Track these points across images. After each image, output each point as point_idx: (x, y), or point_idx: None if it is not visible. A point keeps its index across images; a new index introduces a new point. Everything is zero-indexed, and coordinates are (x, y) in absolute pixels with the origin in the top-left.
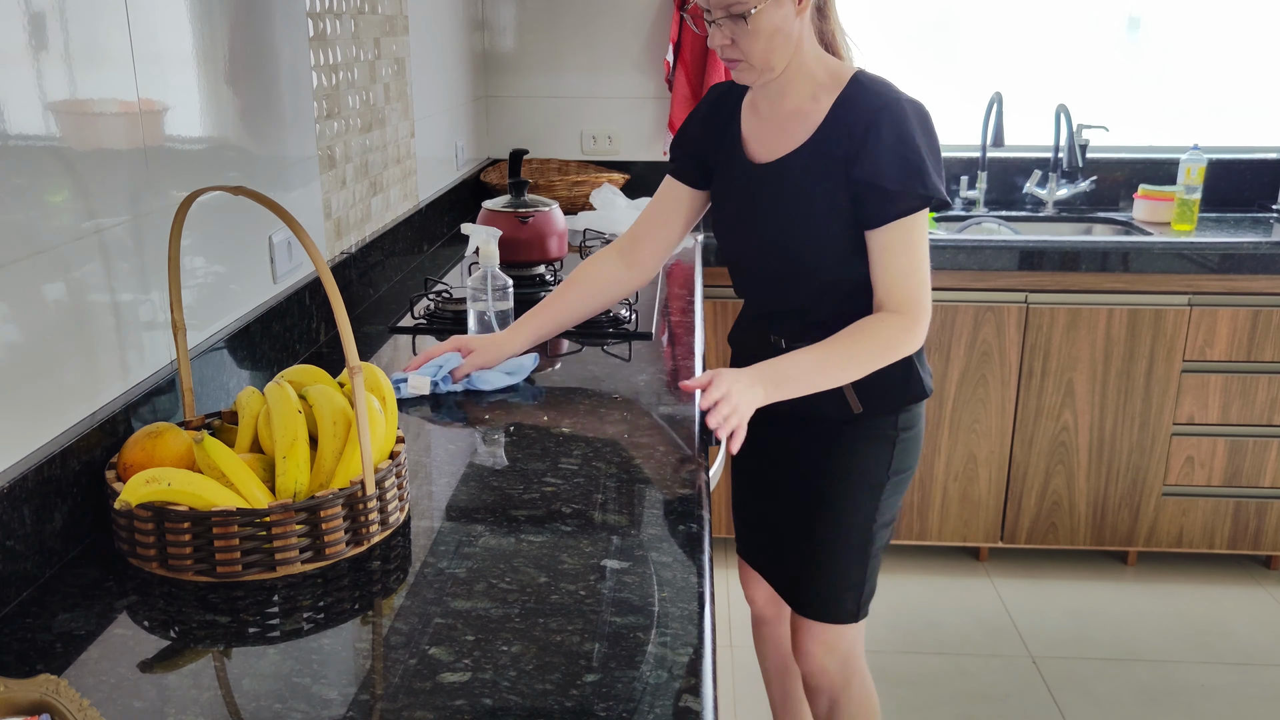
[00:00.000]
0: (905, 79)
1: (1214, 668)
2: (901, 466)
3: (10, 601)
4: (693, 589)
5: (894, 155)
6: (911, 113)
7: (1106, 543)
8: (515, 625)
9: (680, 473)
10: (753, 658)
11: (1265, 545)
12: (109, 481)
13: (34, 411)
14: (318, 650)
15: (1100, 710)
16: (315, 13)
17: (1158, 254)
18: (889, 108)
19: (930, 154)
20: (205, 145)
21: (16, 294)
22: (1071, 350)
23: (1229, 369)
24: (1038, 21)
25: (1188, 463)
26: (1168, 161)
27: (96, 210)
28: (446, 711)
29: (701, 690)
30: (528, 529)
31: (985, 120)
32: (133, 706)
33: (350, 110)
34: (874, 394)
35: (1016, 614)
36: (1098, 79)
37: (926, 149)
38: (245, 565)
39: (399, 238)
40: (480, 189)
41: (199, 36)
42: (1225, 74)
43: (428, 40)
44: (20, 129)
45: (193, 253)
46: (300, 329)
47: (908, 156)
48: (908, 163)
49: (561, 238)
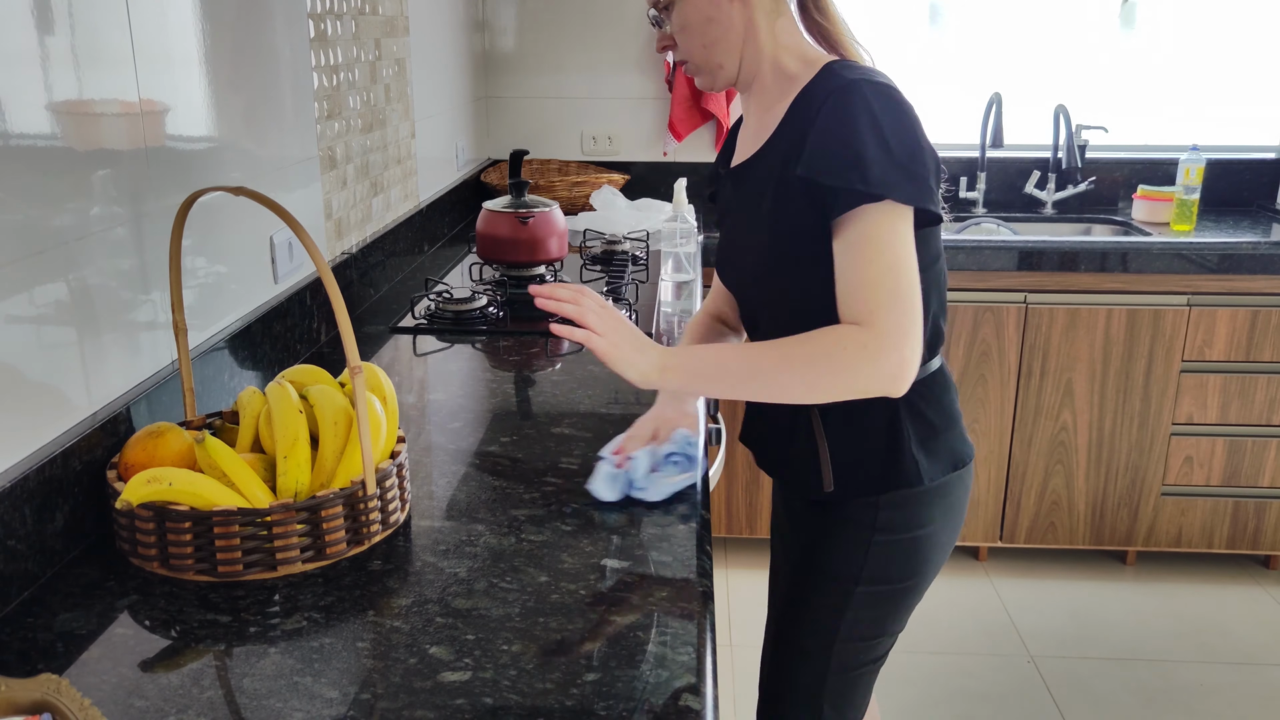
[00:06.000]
0: (906, 80)
1: (1213, 667)
2: (880, 575)
3: (11, 601)
4: (693, 589)
5: (833, 144)
6: (869, 96)
7: (1106, 542)
8: (515, 625)
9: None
10: (753, 657)
11: (1264, 545)
12: (110, 481)
13: (34, 411)
14: (318, 650)
15: (1099, 710)
16: (316, 14)
17: (1157, 254)
18: (839, 92)
19: (889, 143)
20: (206, 145)
21: (17, 294)
22: (1070, 350)
23: (1228, 369)
24: (1037, 21)
25: (1187, 462)
26: (1167, 162)
27: (97, 210)
28: (447, 711)
29: (701, 690)
30: (528, 529)
31: (984, 120)
32: (134, 706)
33: (351, 111)
34: (847, 469)
35: (1016, 614)
36: (1097, 79)
37: (878, 138)
38: (246, 565)
39: (399, 238)
40: (481, 189)
41: (200, 37)
42: (1225, 74)
43: (428, 41)
44: (21, 129)
45: (194, 253)
46: (301, 329)
47: (849, 144)
48: (847, 152)
49: (562, 238)
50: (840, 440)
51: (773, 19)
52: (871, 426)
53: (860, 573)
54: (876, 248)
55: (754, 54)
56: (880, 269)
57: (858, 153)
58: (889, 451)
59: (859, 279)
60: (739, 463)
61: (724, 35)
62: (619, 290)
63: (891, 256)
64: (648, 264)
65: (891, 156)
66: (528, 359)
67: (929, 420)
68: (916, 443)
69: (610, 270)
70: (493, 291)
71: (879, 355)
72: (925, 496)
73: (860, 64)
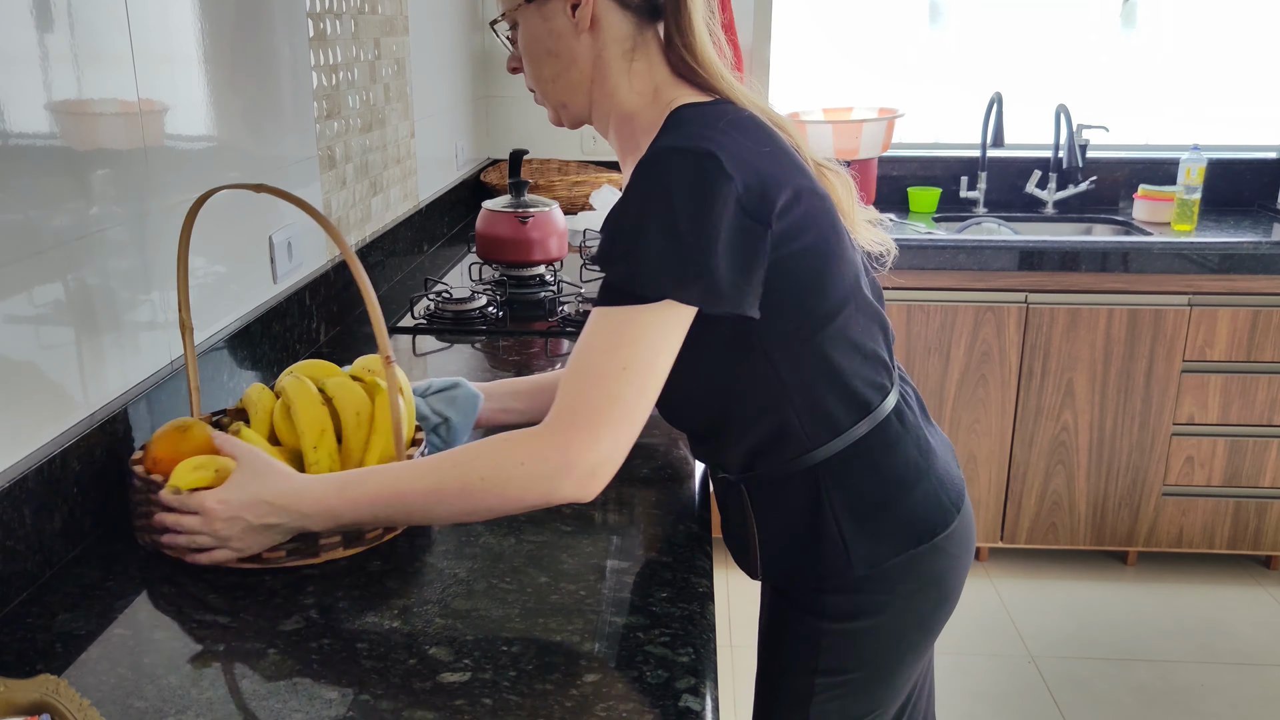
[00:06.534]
0: (905, 79)
1: (1214, 668)
2: (836, 667)
3: (10, 601)
4: (693, 589)
5: (611, 224)
6: (672, 169)
7: (1106, 543)
8: (515, 625)
9: (681, 472)
10: (753, 657)
11: (1265, 545)
12: (138, 475)
13: (34, 411)
14: (318, 650)
15: (1100, 710)
16: (315, 13)
17: (1157, 254)
18: (649, 161)
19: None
20: (206, 145)
21: (16, 294)
22: (1071, 350)
23: (1229, 369)
24: (1038, 21)
25: (1187, 463)
26: (1167, 161)
27: (96, 210)
28: (446, 711)
29: (701, 690)
30: (528, 529)
31: (985, 120)
32: (133, 707)
33: (350, 110)
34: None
35: (1016, 614)
36: (1098, 79)
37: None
38: (289, 551)
39: (399, 238)
40: (480, 189)
41: (200, 37)
42: (1226, 73)
43: (428, 40)
44: (21, 128)
45: (193, 253)
46: (300, 329)
47: (622, 228)
48: (616, 237)
49: (561, 238)
50: (767, 522)
51: (628, 63)
52: (794, 506)
53: (816, 664)
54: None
55: (603, 98)
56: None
57: (623, 243)
58: (812, 537)
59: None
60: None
61: (565, 70)
62: None
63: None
64: None
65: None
66: (527, 359)
67: (864, 494)
68: (849, 524)
69: None
70: (492, 291)
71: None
72: (871, 583)
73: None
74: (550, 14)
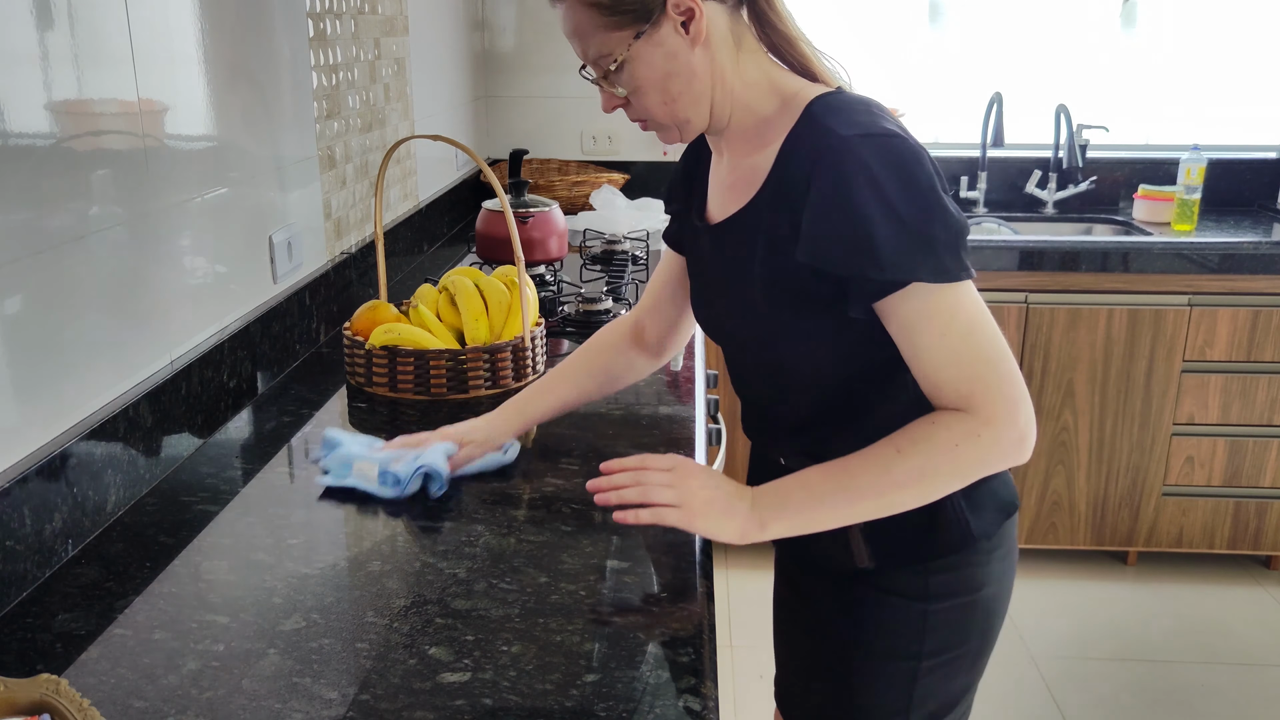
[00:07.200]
0: (905, 79)
1: (1214, 668)
2: (942, 645)
3: (10, 601)
4: (693, 589)
5: (836, 226)
6: (869, 160)
7: (1107, 543)
8: (515, 625)
9: None
10: (753, 657)
11: (1265, 545)
12: (348, 337)
13: (33, 411)
14: (318, 650)
15: (1100, 710)
16: (315, 13)
17: (1158, 254)
18: (831, 155)
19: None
20: (205, 145)
21: (16, 294)
22: (1071, 350)
23: (1229, 369)
24: (1038, 21)
25: (1188, 463)
26: (1168, 161)
27: (96, 210)
28: (446, 711)
29: (701, 690)
30: (528, 529)
31: (985, 120)
32: (133, 707)
33: (350, 110)
34: (881, 539)
35: (1016, 614)
36: (1098, 79)
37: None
38: (450, 388)
39: (399, 238)
40: (480, 189)
41: (200, 37)
42: (1226, 74)
43: (428, 40)
44: (21, 128)
45: (193, 253)
46: (300, 329)
47: (856, 228)
48: (855, 238)
49: (561, 238)
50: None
51: (736, 55)
52: None
53: (921, 648)
54: (951, 316)
55: (724, 99)
56: (963, 339)
57: (866, 239)
58: (929, 514)
59: (935, 362)
60: (739, 463)
61: (687, 87)
62: (619, 290)
63: (972, 323)
64: (648, 263)
65: (905, 231)
66: None
67: None
68: (960, 497)
69: (610, 270)
70: None
71: (995, 442)
72: (979, 556)
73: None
74: (662, 39)
